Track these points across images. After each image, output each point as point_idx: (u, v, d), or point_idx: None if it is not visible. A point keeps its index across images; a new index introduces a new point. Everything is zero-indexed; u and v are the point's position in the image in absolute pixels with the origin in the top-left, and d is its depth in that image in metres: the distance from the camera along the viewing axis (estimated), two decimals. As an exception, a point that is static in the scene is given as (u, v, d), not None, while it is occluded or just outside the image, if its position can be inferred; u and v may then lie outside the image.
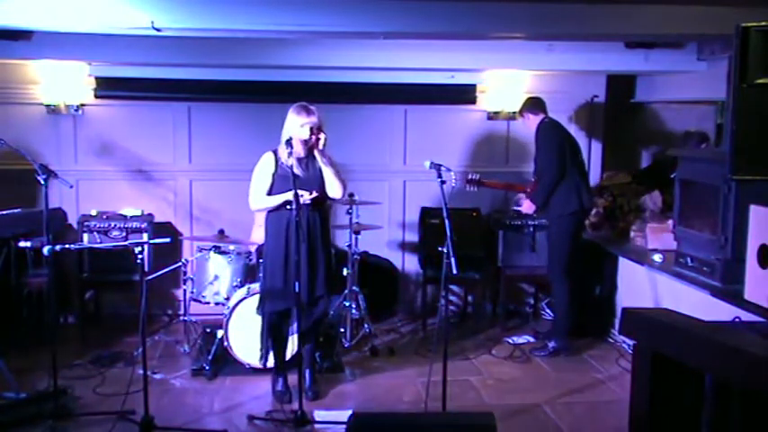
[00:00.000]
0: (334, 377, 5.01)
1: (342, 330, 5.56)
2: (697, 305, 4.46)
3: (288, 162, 4.24)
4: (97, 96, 6.10)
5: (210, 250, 5.27)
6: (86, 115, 6.16)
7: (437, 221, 5.73)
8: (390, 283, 6.49)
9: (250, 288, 4.98)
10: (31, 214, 5.17)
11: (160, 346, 5.56)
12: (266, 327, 4.66)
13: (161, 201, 6.31)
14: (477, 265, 5.99)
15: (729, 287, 4.44)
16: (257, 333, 4.74)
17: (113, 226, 5.81)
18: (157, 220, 6.14)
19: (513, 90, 6.39)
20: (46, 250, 4.03)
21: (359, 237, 5.65)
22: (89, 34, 4.70)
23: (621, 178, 6.78)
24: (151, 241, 4.73)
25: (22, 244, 4.89)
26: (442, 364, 4.11)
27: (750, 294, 4.10)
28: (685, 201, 5.08)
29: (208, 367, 4.96)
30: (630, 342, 4.67)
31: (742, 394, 2.87)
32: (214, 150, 6.31)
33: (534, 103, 5.57)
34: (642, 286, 5.42)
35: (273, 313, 4.59)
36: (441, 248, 4.06)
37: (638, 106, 7.07)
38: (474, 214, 6.31)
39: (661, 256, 5.45)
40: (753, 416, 2.87)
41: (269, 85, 6.15)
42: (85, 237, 5.78)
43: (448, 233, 4.00)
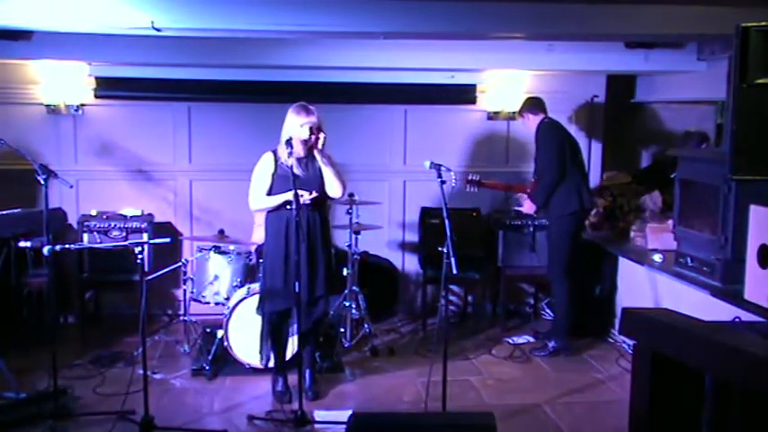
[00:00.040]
0: (334, 377, 5.01)
1: (342, 330, 5.56)
2: (697, 305, 4.46)
3: (288, 162, 4.25)
4: (97, 96, 6.10)
5: (210, 250, 5.28)
6: (86, 115, 6.16)
7: (437, 221, 5.73)
8: (390, 283, 6.49)
9: (250, 288, 4.98)
10: (31, 214, 5.17)
11: (160, 346, 5.56)
12: (266, 327, 4.66)
13: (161, 201, 6.31)
14: (477, 265, 5.99)
15: (729, 287, 4.44)
16: (257, 333, 4.74)
17: (113, 226, 5.81)
18: (157, 220, 6.14)
19: (513, 90, 6.38)
20: (46, 250, 4.03)
21: (359, 237, 5.65)
22: (89, 34, 4.70)
23: (621, 178, 6.78)
24: (151, 241, 4.73)
25: (22, 244, 4.89)
26: (442, 364, 4.11)
27: (750, 294, 4.10)
28: (685, 201, 5.08)
29: (208, 367, 4.96)
30: (630, 342, 4.67)
31: (742, 394, 2.87)
32: (214, 150, 6.32)
33: (534, 104, 5.56)
34: (642, 286, 5.42)
35: (273, 313, 4.60)
36: (441, 248, 4.06)
37: (638, 106, 7.07)
38: (474, 214, 6.31)
39: (661, 256, 5.45)
40: (753, 416, 2.87)
41: (269, 85, 6.15)
42: (85, 237, 5.78)
43: (448, 233, 4.00)
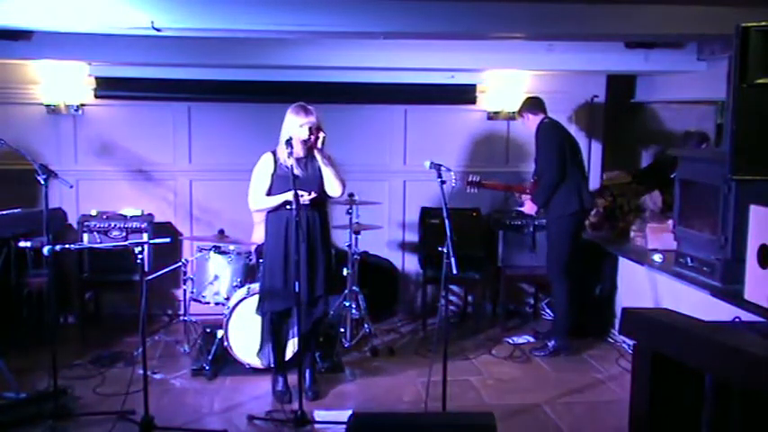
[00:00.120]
0: (334, 377, 5.01)
1: (342, 330, 5.56)
2: (697, 305, 4.46)
3: (287, 162, 4.25)
4: (97, 96, 6.10)
5: (210, 250, 5.28)
6: (86, 115, 6.16)
7: (437, 221, 5.73)
8: (390, 283, 6.49)
9: (250, 288, 4.98)
10: (31, 214, 5.16)
11: (160, 346, 5.56)
12: (266, 327, 4.66)
13: (161, 201, 6.31)
14: (477, 265, 5.98)
15: (729, 287, 4.44)
16: (257, 333, 4.74)
17: (113, 226, 5.81)
18: (157, 220, 6.13)
19: (513, 90, 6.38)
20: (46, 250, 4.03)
21: (359, 237, 5.65)
22: (89, 34, 4.70)
23: (621, 178, 6.78)
24: (151, 241, 4.73)
25: (22, 244, 4.89)
26: (442, 364, 4.11)
27: (750, 294, 4.10)
28: (685, 201, 5.08)
29: (208, 367, 4.96)
30: (630, 342, 4.67)
31: (742, 394, 2.87)
32: (214, 150, 6.31)
33: (534, 103, 5.56)
34: (642, 286, 5.42)
35: (273, 313, 4.60)
36: (441, 248, 4.05)
37: (638, 106, 7.07)
38: (474, 214, 6.30)
39: (661, 256, 5.45)
40: (753, 416, 2.87)
41: (269, 85, 6.15)
42: (85, 237, 5.78)
43: (448, 233, 4.00)
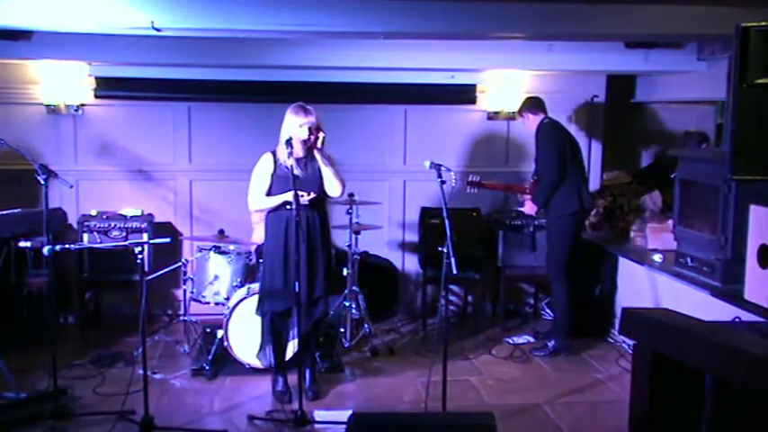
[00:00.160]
0: (334, 377, 5.01)
1: (342, 330, 5.56)
2: (697, 305, 4.46)
3: (287, 162, 4.25)
4: (97, 96, 6.10)
5: (210, 250, 5.28)
6: (86, 115, 6.16)
7: (437, 221, 5.73)
8: (390, 283, 6.49)
9: (250, 288, 4.98)
10: (31, 214, 5.16)
11: (160, 346, 5.56)
12: (266, 327, 4.66)
13: (161, 201, 6.31)
14: (477, 265, 5.98)
15: (729, 287, 4.44)
16: (257, 333, 4.73)
17: (113, 226, 5.81)
18: (157, 220, 6.13)
19: (513, 90, 6.38)
20: (46, 250, 4.03)
21: (359, 237, 5.65)
22: (89, 34, 4.70)
23: (621, 178, 6.78)
24: (151, 241, 4.73)
25: (22, 244, 4.91)
26: (442, 364, 4.10)
27: (750, 294, 4.10)
28: (685, 201, 5.08)
29: (208, 367, 4.96)
30: (630, 342, 4.67)
31: (742, 394, 2.87)
32: (214, 150, 6.31)
33: (534, 103, 5.56)
34: (642, 286, 5.42)
35: (273, 313, 4.59)
36: (441, 248, 4.05)
37: (638, 106, 7.07)
38: (474, 214, 6.30)
39: (661, 256, 5.45)
40: (753, 416, 2.87)
41: (269, 85, 6.15)
42: (85, 237, 5.78)
43: (448, 233, 4.00)
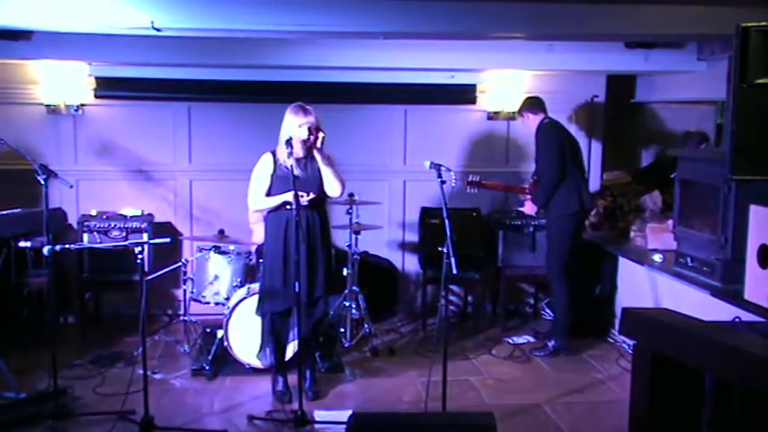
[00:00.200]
0: (334, 377, 5.01)
1: (342, 330, 5.56)
2: (697, 305, 4.46)
3: (287, 163, 4.25)
4: (97, 96, 6.10)
5: (210, 250, 5.28)
6: (86, 115, 6.16)
7: (437, 221, 5.73)
8: (390, 283, 6.49)
9: (250, 288, 4.98)
10: (31, 214, 5.16)
11: (160, 346, 5.56)
12: (266, 327, 4.66)
13: (161, 201, 6.31)
14: (477, 265, 5.98)
15: (729, 287, 4.44)
16: (257, 333, 4.73)
17: (113, 226, 5.81)
18: (157, 220, 6.13)
19: (513, 90, 6.38)
20: (46, 250, 4.03)
21: (359, 237, 5.65)
22: (89, 34, 4.70)
23: (621, 178, 6.78)
24: (151, 241, 4.74)
25: (22, 244, 4.91)
26: (442, 364, 4.10)
27: (750, 294, 4.10)
28: (685, 201, 5.08)
29: (208, 367, 4.96)
30: (630, 342, 4.67)
31: (742, 394, 2.87)
32: (214, 150, 6.31)
33: (534, 103, 5.56)
34: (642, 286, 5.42)
35: (273, 314, 4.59)
36: (441, 248, 4.05)
37: (638, 106, 7.07)
38: (474, 214, 6.30)
39: (661, 256, 5.45)
40: (753, 416, 2.87)
41: (269, 85, 6.14)
42: (85, 237, 5.78)
43: (448, 233, 4.00)
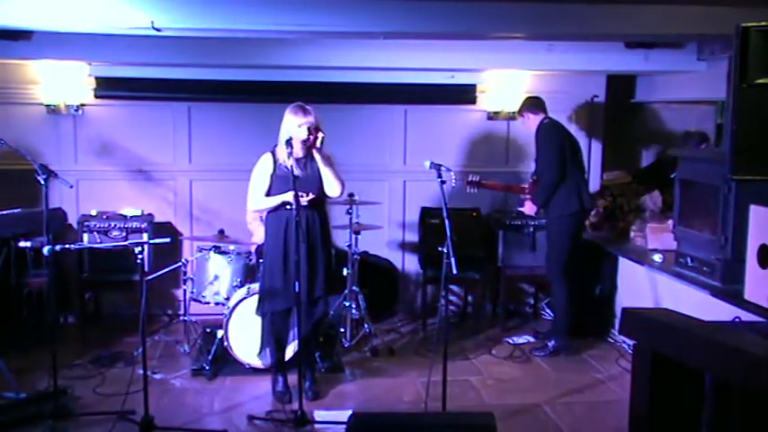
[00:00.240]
0: (334, 377, 5.01)
1: (342, 330, 5.56)
2: (697, 305, 4.46)
3: (287, 163, 4.25)
4: (97, 96, 6.10)
5: (210, 250, 5.28)
6: (86, 115, 6.16)
7: (437, 221, 5.73)
8: (390, 283, 6.49)
9: (250, 288, 4.98)
10: (31, 214, 5.16)
11: (160, 346, 5.56)
12: (266, 327, 4.66)
13: (161, 201, 6.31)
14: (477, 265, 5.98)
15: (729, 287, 4.44)
16: (257, 333, 4.74)
17: (113, 226, 5.81)
18: (157, 220, 6.13)
19: (513, 90, 6.38)
20: (46, 250, 4.03)
21: (359, 237, 5.65)
22: (89, 34, 4.70)
23: (621, 178, 6.78)
24: (151, 241, 4.74)
25: (22, 244, 4.91)
26: (442, 364, 4.11)
27: (750, 294, 4.10)
28: (685, 201, 5.08)
29: (208, 367, 4.96)
30: (630, 342, 4.67)
31: (742, 394, 2.87)
32: (214, 150, 6.31)
33: (534, 103, 5.56)
34: (642, 286, 5.42)
35: (273, 313, 4.59)
36: (441, 248, 4.06)
37: (638, 106, 7.07)
38: (474, 214, 6.30)
39: (661, 256, 5.45)
40: (753, 416, 2.87)
41: (269, 85, 6.14)
42: (85, 237, 5.78)
43: (448, 233, 4.00)
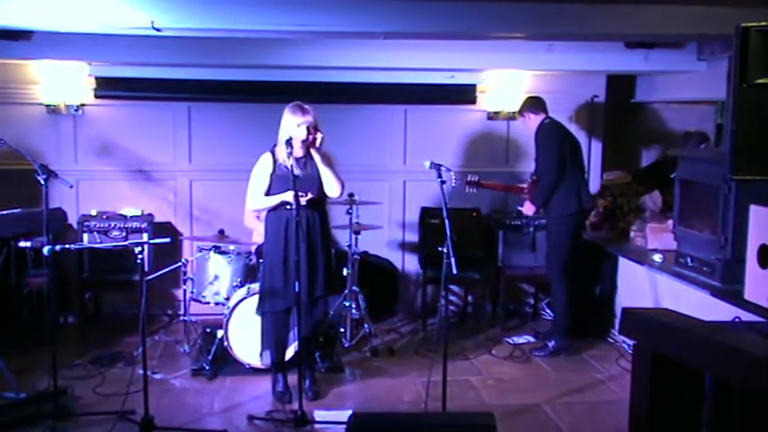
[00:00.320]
0: (334, 377, 5.01)
1: (342, 330, 5.56)
2: (697, 305, 4.46)
3: (287, 162, 4.25)
4: (97, 96, 6.10)
5: (210, 250, 5.27)
6: (86, 115, 6.16)
7: (437, 221, 5.74)
8: (390, 283, 6.49)
9: (250, 288, 4.98)
10: (31, 214, 5.16)
11: (160, 346, 5.56)
12: (266, 327, 4.66)
13: (161, 201, 6.31)
14: (477, 265, 5.98)
15: (729, 287, 4.44)
16: (257, 333, 4.74)
17: (113, 226, 5.81)
18: (157, 220, 6.13)
19: (513, 90, 6.38)
20: (46, 250, 4.03)
21: (359, 237, 5.65)
22: (89, 34, 4.70)
23: (621, 178, 6.78)
24: (151, 241, 4.74)
25: (22, 244, 4.91)
26: (442, 364, 4.11)
27: (750, 294, 4.10)
28: (685, 201, 5.08)
29: (208, 367, 4.96)
30: (630, 342, 4.67)
31: (742, 394, 2.87)
32: (214, 150, 6.31)
33: (535, 103, 5.56)
34: (642, 286, 5.42)
35: (273, 313, 4.60)
36: (441, 248, 4.06)
37: (638, 106, 7.07)
38: (474, 214, 6.31)
39: (661, 256, 5.45)
40: (753, 416, 2.87)
41: (269, 85, 6.14)
42: (85, 237, 5.78)
43: (448, 233, 4.00)
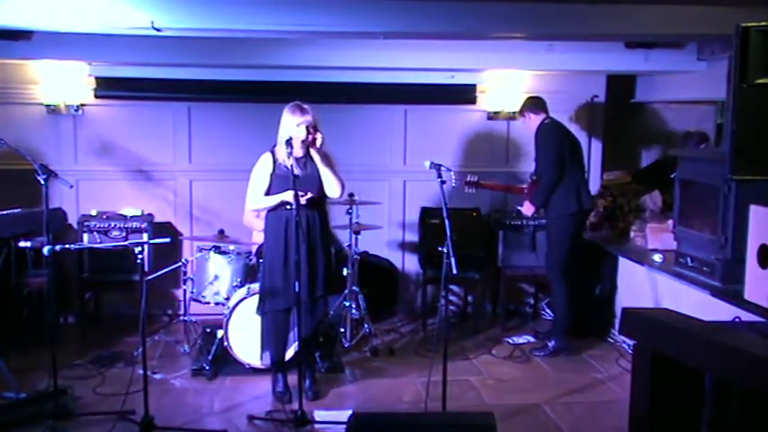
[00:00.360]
0: (334, 377, 5.01)
1: (342, 330, 5.56)
2: (697, 305, 4.46)
3: (287, 162, 4.25)
4: (97, 96, 6.10)
5: (210, 250, 5.28)
6: (86, 115, 6.16)
7: (437, 221, 5.74)
8: (390, 283, 6.49)
9: (250, 288, 4.98)
10: (31, 214, 5.16)
11: (160, 346, 5.56)
12: (266, 327, 4.66)
13: (161, 201, 6.31)
14: (477, 265, 5.98)
15: (729, 287, 4.44)
16: (257, 333, 4.73)
17: (113, 226, 5.81)
18: (157, 220, 6.13)
19: (513, 90, 6.38)
20: (46, 250, 4.03)
21: (359, 237, 5.65)
22: (89, 34, 4.70)
23: (621, 178, 6.78)
24: (151, 241, 4.74)
25: (22, 244, 4.90)
26: (442, 364, 4.11)
27: (750, 294, 4.10)
28: (685, 201, 5.08)
29: (208, 367, 4.96)
30: (630, 342, 4.67)
31: (742, 394, 2.87)
32: (214, 150, 6.31)
33: (535, 103, 5.56)
34: (642, 286, 5.42)
35: (273, 313, 4.59)
36: (441, 248, 4.06)
37: (638, 106, 7.07)
38: (474, 214, 6.30)
39: (661, 256, 5.46)
40: (753, 416, 2.87)
41: (269, 85, 6.15)
42: (85, 237, 5.78)
43: (448, 233, 4.00)
